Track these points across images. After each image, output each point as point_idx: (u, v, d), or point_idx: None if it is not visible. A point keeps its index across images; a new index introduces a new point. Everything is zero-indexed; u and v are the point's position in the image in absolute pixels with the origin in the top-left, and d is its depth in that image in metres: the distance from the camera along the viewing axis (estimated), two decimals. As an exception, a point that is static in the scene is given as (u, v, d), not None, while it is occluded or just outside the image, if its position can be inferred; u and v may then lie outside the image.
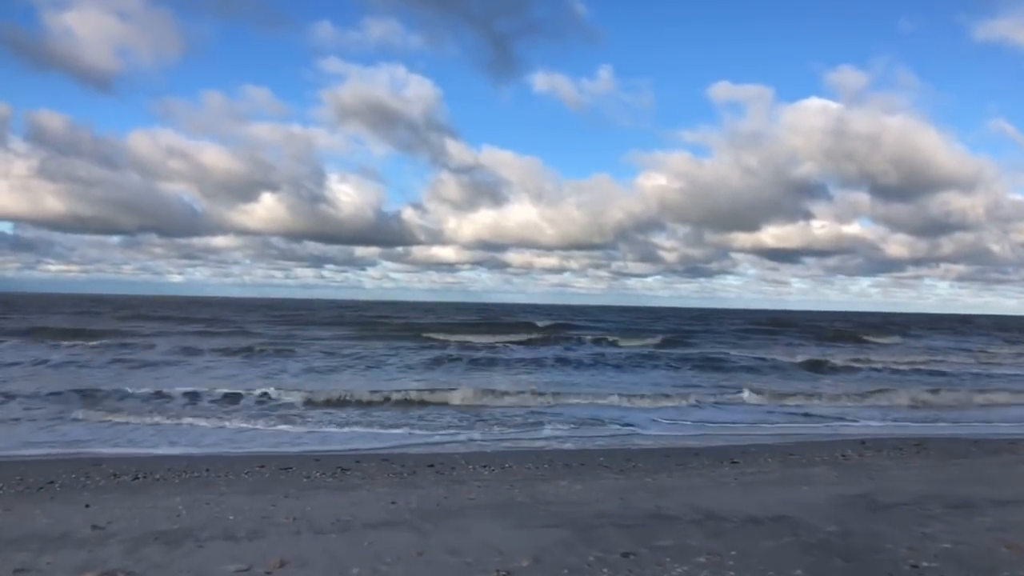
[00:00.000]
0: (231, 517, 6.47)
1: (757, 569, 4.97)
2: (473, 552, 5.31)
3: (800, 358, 31.16)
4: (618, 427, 14.41)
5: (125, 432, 12.94)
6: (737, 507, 6.93)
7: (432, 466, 9.91)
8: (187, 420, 14.07)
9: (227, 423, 13.73)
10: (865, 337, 51.26)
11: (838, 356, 33.44)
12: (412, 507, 6.98)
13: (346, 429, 13.64)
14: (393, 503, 7.15)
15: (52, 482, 8.59)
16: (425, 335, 41.87)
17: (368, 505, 7.08)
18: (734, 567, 5.04)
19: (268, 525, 6.18)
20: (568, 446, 12.23)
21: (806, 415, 16.52)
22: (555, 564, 5.05)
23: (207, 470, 9.43)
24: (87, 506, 7.06)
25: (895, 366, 29.08)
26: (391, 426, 14.00)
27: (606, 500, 7.37)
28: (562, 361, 28.07)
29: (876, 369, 27.91)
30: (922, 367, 29.00)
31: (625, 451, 11.61)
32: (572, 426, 14.29)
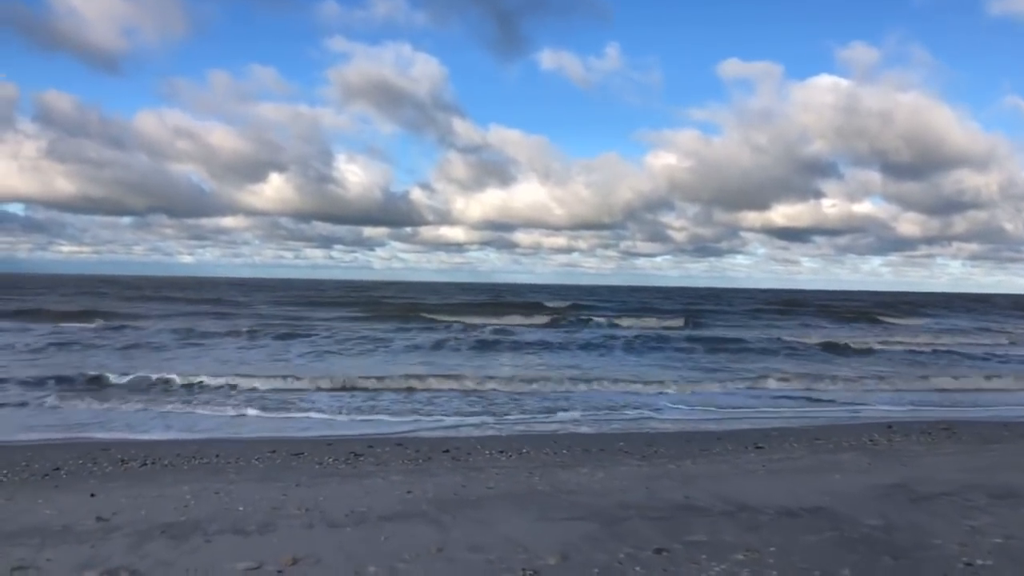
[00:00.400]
0: (240, 508, 6.20)
1: (800, 568, 4.65)
2: (496, 548, 5.01)
3: (817, 339, 30.73)
4: (635, 411, 14.09)
5: (130, 417, 12.72)
6: (769, 497, 6.61)
7: (447, 451, 9.62)
8: (192, 405, 13.85)
9: (231, 409, 13.47)
10: (882, 317, 50.65)
11: (857, 337, 33.01)
12: (429, 497, 6.69)
13: (356, 414, 13.37)
14: (409, 492, 6.86)
15: (58, 469, 8.35)
16: (431, 316, 41.46)
17: (383, 494, 6.80)
18: (775, 565, 4.72)
19: (279, 517, 5.90)
20: (585, 430, 11.93)
21: (830, 400, 16.15)
22: (584, 562, 4.74)
23: (216, 456, 9.17)
24: (92, 495, 6.80)
25: (919, 347, 28.55)
26: (400, 410, 13.73)
27: (631, 489, 7.06)
28: (573, 344, 27.69)
29: (902, 351, 27.38)
30: (947, 348, 28.38)
31: (645, 435, 11.30)
32: (587, 410, 13.97)
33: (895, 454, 9.28)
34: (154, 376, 16.36)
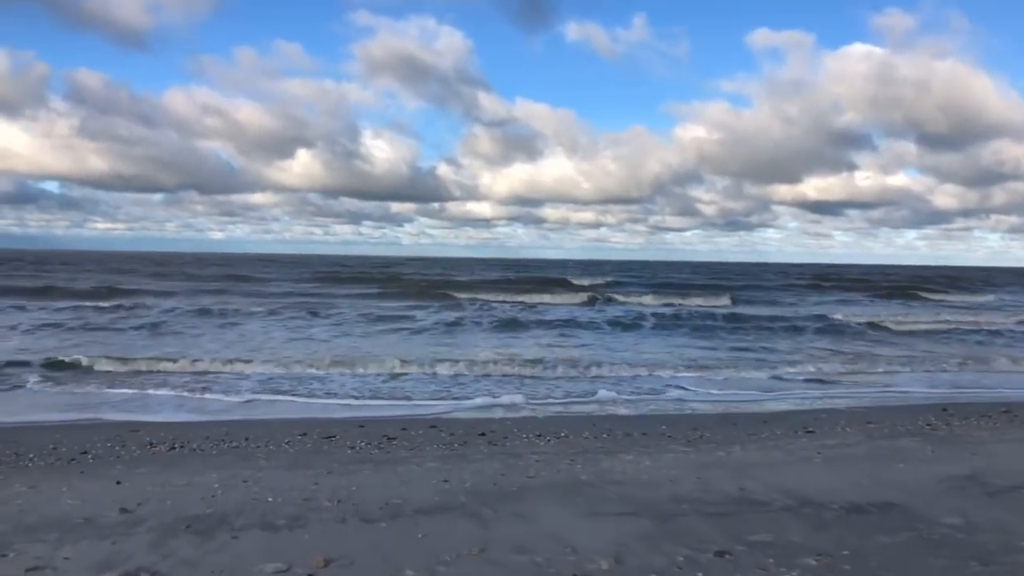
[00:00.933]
0: (269, 499, 5.89)
1: (881, 576, 4.20)
2: (542, 549, 4.62)
3: (862, 317, 29.70)
4: (674, 391, 13.63)
5: (151, 399, 12.57)
6: (831, 489, 6.14)
7: (483, 435, 9.27)
8: (209, 388, 13.68)
9: (247, 393, 13.25)
10: (924, 293, 49.20)
11: (901, 314, 32.09)
12: (467, 486, 6.33)
13: (384, 396, 13.10)
14: (446, 481, 6.51)
15: (85, 452, 8.14)
16: (456, 294, 40.45)
17: (418, 483, 6.45)
18: (852, 572, 4.28)
19: (310, 509, 5.58)
20: (624, 411, 11.51)
21: (876, 380, 15.55)
22: (639, 566, 4.34)
23: (246, 439, 8.91)
24: (118, 482, 6.55)
25: (970, 325, 27.54)
26: (430, 391, 13.44)
27: (681, 479, 6.64)
28: (609, 323, 27.13)
29: (949, 329, 26.44)
30: (999, 327, 27.33)
31: (688, 418, 10.84)
32: (625, 391, 13.54)
33: (958, 440, 8.73)
34: (164, 356, 16.24)
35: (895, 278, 74.88)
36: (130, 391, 12.82)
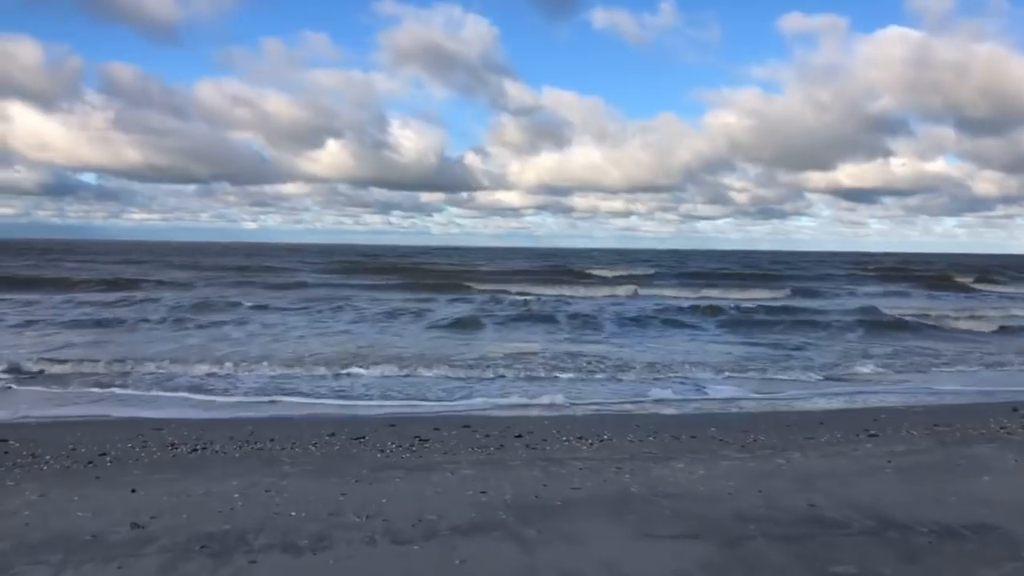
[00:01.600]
0: (292, 513, 5.41)
1: (1001, 624, 3.58)
2: (597, 581, 4.07)
3: (912, 309, 28.40)
4: (720, 389, 12.97)
5: (178, 395, 12.23)
6: (915, 507, 5.50)
7: (520, 436, 8.72)
8: (240, 383, 13.33)
9: (283, 392, 12.88)
10: (976, 285, 47.39)
11: (951, 305, 30.89)
12: (506, 499, 5.80)
13: (411, 394, 12.63)
14: (483, 493, 5.98)
15: (104, 454, 7.75)
16: (480, 287, 38.59)
17: (454, 495, 5.93)
18: (963, 617, 3.66)
19: (336, 526, 5.08)
20: (669, 412, 10.87)
21: (931, 378, 14.73)
22: (712, 606, 3.76)
23: (271, 440, 8.47)
24: (133, 491, 6.11)
25: None
26: (460, 387, 12.94)
27: (741, 492, 6.03)
28: (643, 317, 26.44)
29: (1013, 323, 25.25)
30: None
31: (737, 419, 10.19)
32: (665, 388, 12.92)
33: (1040, 446, 7.99)
34: (186, 351, 15.94)
35: (938, 266, 72.62)
36: (150, 388, 12.50)
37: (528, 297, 32.47)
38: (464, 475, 6.71)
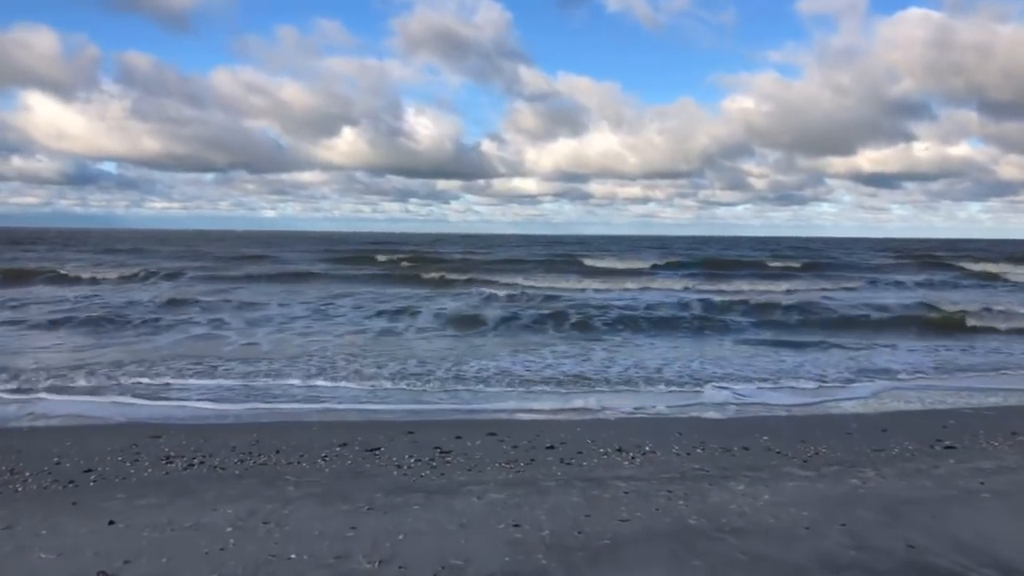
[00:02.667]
0: (292, 555, 4.56)
1: None
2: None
3: (961, 302, 26.04)
4: (759, 390, 12.01)
5: (180, 395, 11.44)
6: (1039, 551, 4.55)
7: (552, 448, 7.84)
8: (254, 382, 12.52)
9: (300, 390, 12.08)
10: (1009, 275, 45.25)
11: (990, 300, 29.45)
12: (544, 536, 4.92)
13: (428, 399, 11.77)
14: (516, 527, 5.10)
15: (89, 470, 6.95)
16: (487, 278, 35.72)
17: (482, 530, 5.05)
18: None
19: (342, 574, 4.22)
20: (711, 416, 9.92)
21: (1003, 383, 13.66)
22: None
23: (277, 452, 7.64)
24: (111, 522, 5.29)
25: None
26: (481, 390, 12.07)
27: (820, 525, 5.11)
28: (669, 311, 25.38)
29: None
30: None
31: (788, 425, 9.21)
32: (700, 390, 11.98)
33: None
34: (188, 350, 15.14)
35: (970, 253, 70.49)
36: (154, 392, 11.73)
37: (543, 291, 30.99)
38: (492, 500, 5.83)
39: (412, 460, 7.33)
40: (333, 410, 10.32)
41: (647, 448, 7.82)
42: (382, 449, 7.81)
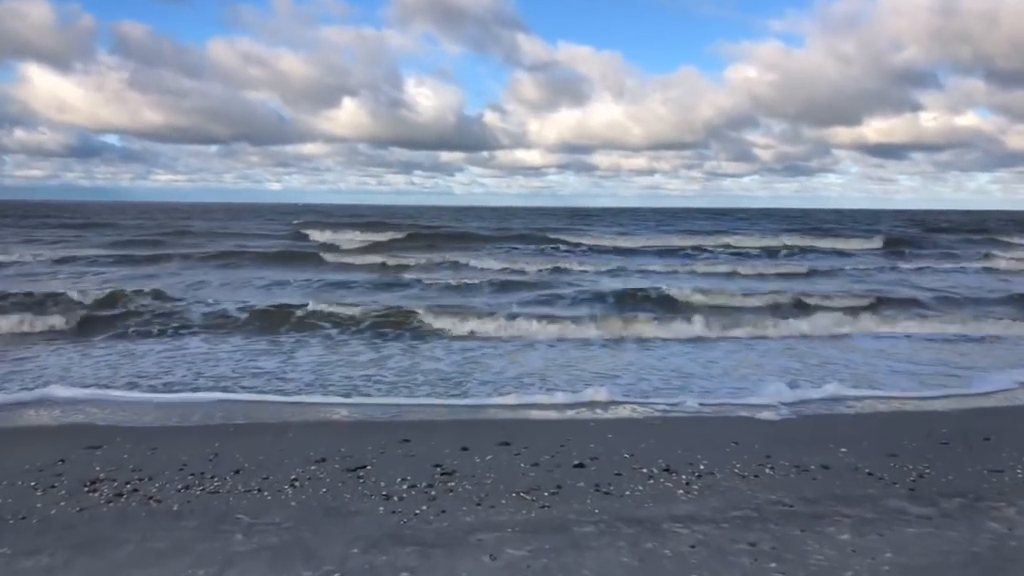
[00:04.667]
0: None
1: None
2: None
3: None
4: (818, 383, 10.41)
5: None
6: None
7: (581, 466, 6.23)
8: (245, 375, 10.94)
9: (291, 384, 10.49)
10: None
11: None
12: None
13: (420, 391, 10.19)
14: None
15: (83, 510, 5.32)
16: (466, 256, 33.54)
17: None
18: None
19: None
20: (766, 417, 8.27)
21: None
22: None
23: (236, 472, 6.04)
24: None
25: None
26: (482, 379, 10.49)
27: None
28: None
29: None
30: None
31: (866, 430, 7.55)
32: (739, 384, 10.38)
33: None
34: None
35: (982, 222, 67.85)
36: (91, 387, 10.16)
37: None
38: (510, 560, 4.23)
39: (405, 486, 5.73)
40: (318, 406, 8.75)
41: (702, 467, 6.21)
42: (368, 468, 6.21)
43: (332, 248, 33.63)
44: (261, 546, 4.48)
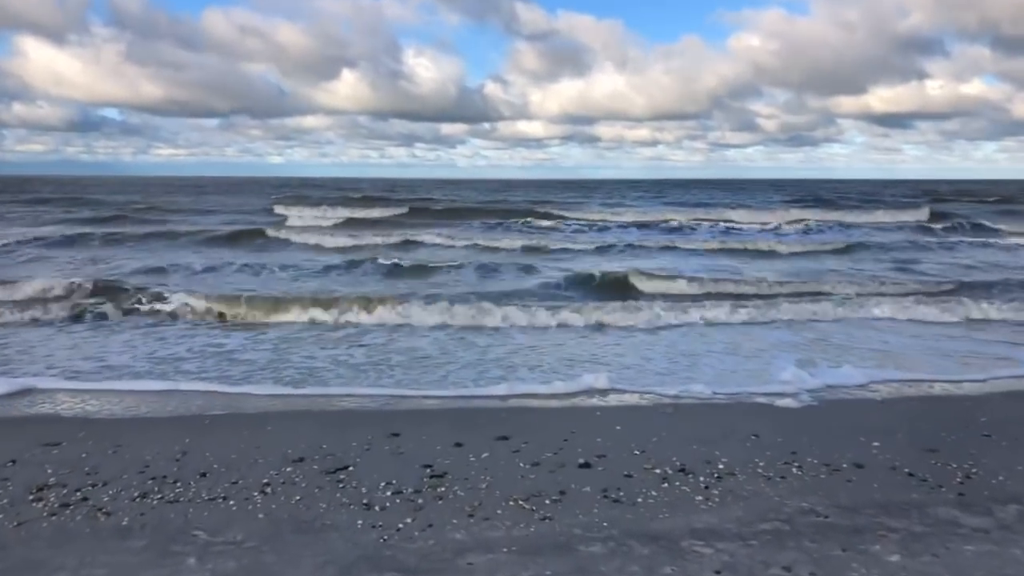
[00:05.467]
0: None
1: None
2: None
3: None
4: (836, 367, 9.75)
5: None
6: None
7: (587, 466, 5.61)
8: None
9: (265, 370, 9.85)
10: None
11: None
12: None
13: (410, 376, 9.56)
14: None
15: (20, 525, 4.72)
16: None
17: None
18: None
19: None
20: (786, 404, 7.63)
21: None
22: None
23: (202, 476, 5.42)
24: None
25: None
26: (476, 361, 9.87)
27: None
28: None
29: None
30: None
31: (898, 421, 6.89)
32: (753, 366, 9.74)
33: None
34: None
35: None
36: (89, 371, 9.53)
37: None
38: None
39: (389, 492, 5.10)
40: (301, 397, 8.11)
41: (721, 466, 5.57)
42: (350, 469, 5.59)
43: (285, 226, 30.90)
44: (215, 574, 3.86)
